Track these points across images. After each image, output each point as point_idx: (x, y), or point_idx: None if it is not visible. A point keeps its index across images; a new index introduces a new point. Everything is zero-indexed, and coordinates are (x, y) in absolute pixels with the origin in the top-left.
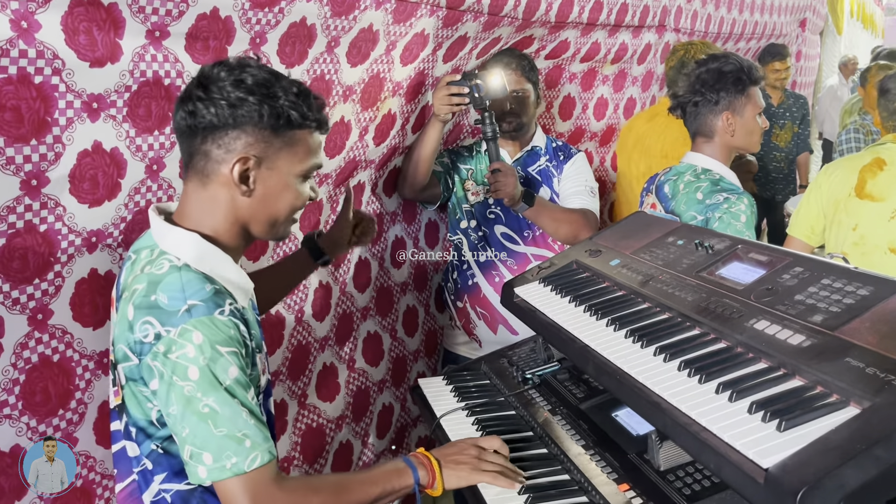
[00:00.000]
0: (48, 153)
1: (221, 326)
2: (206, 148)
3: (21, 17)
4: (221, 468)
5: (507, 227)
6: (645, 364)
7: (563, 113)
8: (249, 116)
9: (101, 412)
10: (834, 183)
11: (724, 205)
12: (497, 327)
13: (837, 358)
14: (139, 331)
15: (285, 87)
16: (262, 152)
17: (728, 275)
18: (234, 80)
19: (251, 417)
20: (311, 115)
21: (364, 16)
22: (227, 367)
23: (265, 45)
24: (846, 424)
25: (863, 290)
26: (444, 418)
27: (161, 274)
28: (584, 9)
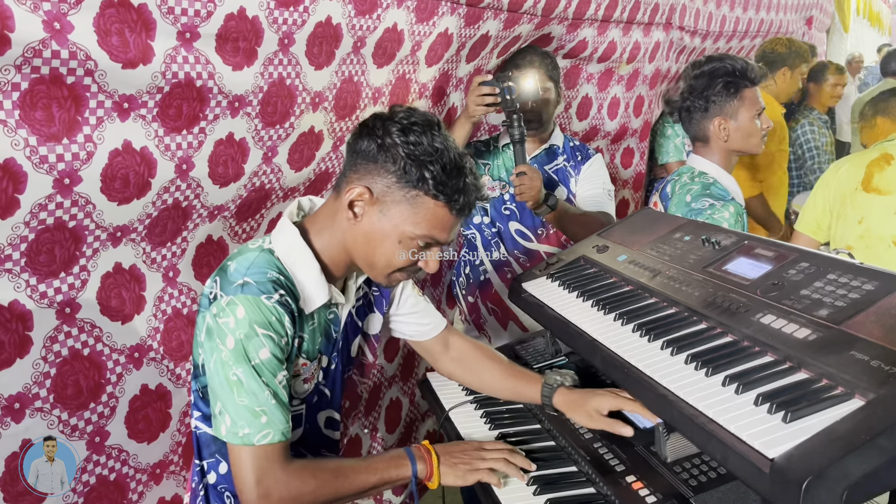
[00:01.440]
0: (80, 152)
1: (264, 309)
2: (348, 169)
3: (54, 19)
4: (235, 434)
5: (521, 224)
6: (652, 357)
7: (581, 113)
8: (390, 160)
9: (132, 406)
10: (841, 178)
11: (708, 210)
12: (507, 323)
13: (843, 351)
14: (208, 285)
15: (442, 156)
16: (381, 194)
17: (735, 270)
18: (402, 126)
19: (273, 398)
20: (447, 189)
21: (387, 14)
22: (259, 348)
23: (293, 46)
24: (851, 416)
25: (868, 284)
26: (452, 411)
27: (250, 248)
28: (600, 6)
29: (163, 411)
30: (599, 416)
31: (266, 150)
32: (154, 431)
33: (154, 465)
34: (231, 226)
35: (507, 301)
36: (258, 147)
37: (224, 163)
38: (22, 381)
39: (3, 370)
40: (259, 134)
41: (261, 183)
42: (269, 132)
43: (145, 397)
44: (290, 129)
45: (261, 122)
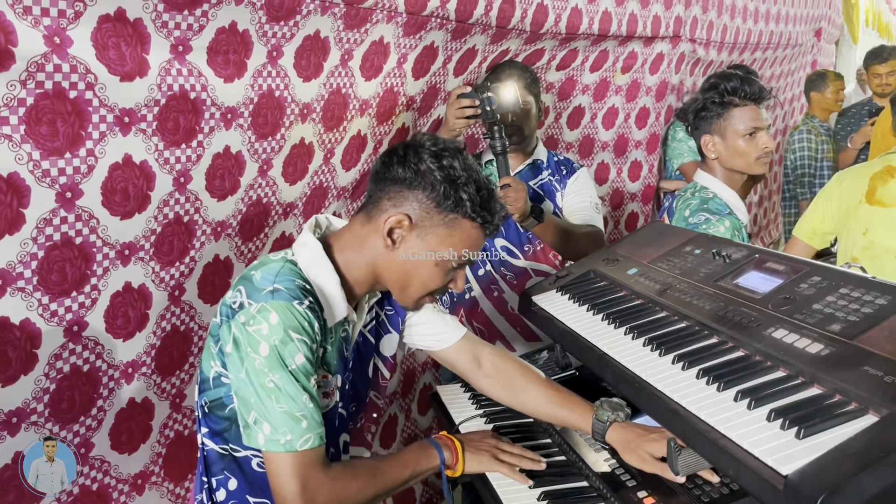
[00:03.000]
0: (81, 166)
1: (297, 314)
2: (381, 196)
3: (53, 33)
4: (276, 441)
5: (507, 241)
6: (663, 372)
7: (572, 122)
8: (427, 185)
9: (118, 419)
10: (844, 190)
11: (704, 225)
12: (494, 342)
13: (856, 366)
14: (230, 296)
15: (475, 179)
16: (419, 220)
17: (746, 284)
18: (433, 151)
19: (311, 401)
20: (483, 211)
21: (375, 28)
22: (295, 353)
23: (282, 59)
24: (865, 432)
25: (881, 299)
26: (462, 425)
27: (273, 259)
28: (593, 20)
29: (145, 423)
30: (653, 460)
31: (261, 163)
32: (135, 443)
33: (135, 475)
34: (237, 245)
35: (493, 320)
36: (254, 160)
37: (221, 176)
38: (23, 396)
39: (7, 386)
40: (253, 146)
41: (258, 197)
42: (263, 144)
43: (131, 410)
44: (282, 141)
45: (254, 134)
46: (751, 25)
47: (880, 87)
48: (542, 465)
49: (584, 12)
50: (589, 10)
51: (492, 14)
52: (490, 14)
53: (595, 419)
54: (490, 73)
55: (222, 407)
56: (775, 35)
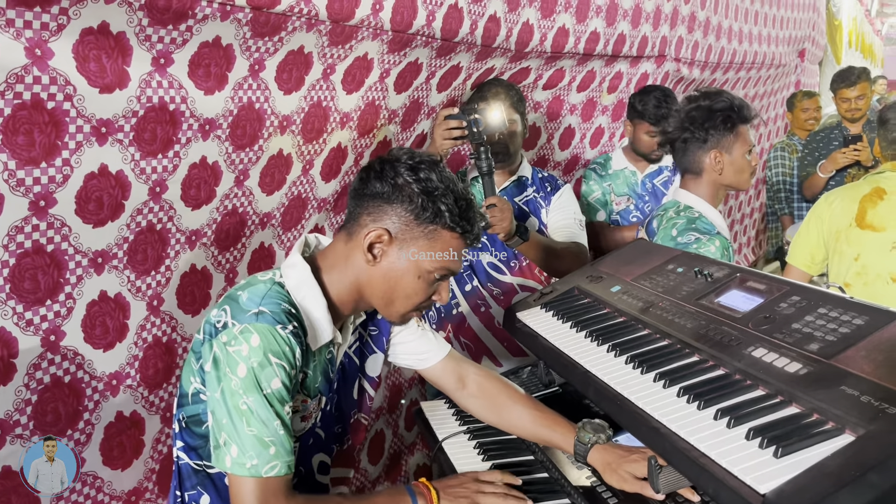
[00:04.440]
0: (56, 175)
1: (279, 339)
2: (361, 212)
3: (35, 45)
4: (241, 465)
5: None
6: (645, 390)
7: (563, 143)
8: (404, 197)
9: (107, 433)
10: (834, 213)
11: (694, 244)
12: (481, 358)
13: (833, 386)
14: (215, 314)
15: (452, 189)
16: (399, 233)
17: (727, 302)
18: (410, 165)
19: (282, 428)
20: (462, 221)
21: (360, 45)
22: (272, 377)
23: (264, 72)
24: (841, 451)
25: (858, 319)
26: (445, 442)
27: (260, 280)
28: (579, 39)
29: (136, 438)
30: (634, 480)
31: (238, 173)
32: (128, 458)
33: (129, 492)
34: (213, 255)
35: (480, 336)
36: (230, 170)
37: (196, 185)
38: (3, 408)
39: None
40: (231, 157)
41: (233, 206)
42: (240, 155)
43: (120, 424)
44: (259, 153)
45: (231, 146)
46: (735, 45)
47: (849, 111)
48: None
49: (571, 32)
50: (576, 30)
51: (477, 33)
52: (475, 33)
53: (577, 441)
54: (476, 92)
55: (199, 423)
56: (759, 55)
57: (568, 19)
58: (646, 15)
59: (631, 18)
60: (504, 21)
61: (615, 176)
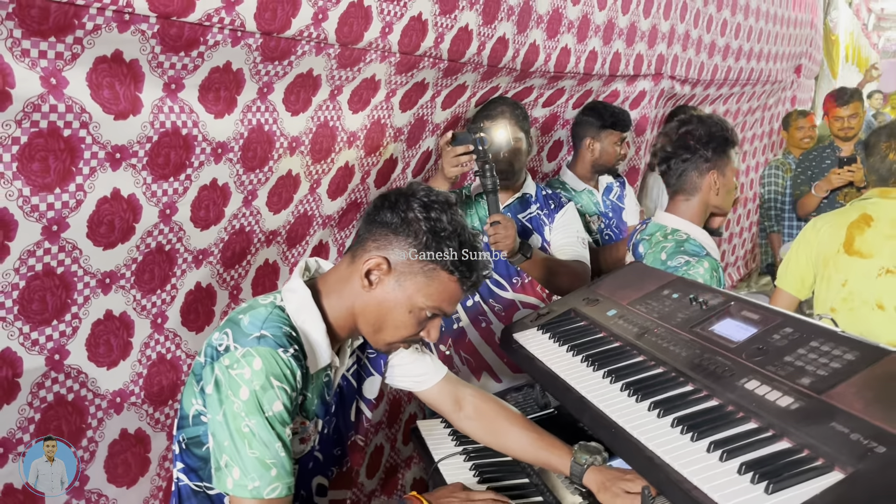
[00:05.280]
0: (70, 200)
1: (280, 362)
2: (368, 238)
3: (50, 75)
4: (244, 486)
5: (496, 273)
6: (640, 419)
7: (551, 155)
8: (411, 233)
9: (111, 450)
10: (822, 239)
11: (684, 267)
12: (481, 374)
13: (824, 422)
14: (216, 337)
15: (459, 234)
16: (398, 265)
17: (721, 331)
18: (424, 203)
19: (283, 450)
20: (462, 267)
21: (369, 67)
22: (274, 400)
23: (272, 94)
24: (830, 490)
25: (849, 354)
26: (441, 462)
27: (261, 303)
28: (580, 59)
29: (142, 455)
30: (626, 495)
31: (246, 193)
32: (133, 476)
33: None
34: (219, 272)
35: (480, 351)
36: (239, 191)
37: (206, 207)
38: (7, 426)
39: None
40: (241, 178)
41: (241, 225)
42: (250, 176)
43: (124, 441)
44: (269, 174)
45: (242, 168)
46: (731, 62)
47: (842, 130)
48: None
49: (573, 51)
50: (577, 50)
51: (484, 54)
52: (482, 54)
53: (573, 462)
54: (481, 110)
55: (199, 445)
56: (755, 72)
57: (570, 39)
58: (641, 33)
59: (626, 37)
60: (512, 42)
61: (579, 197)
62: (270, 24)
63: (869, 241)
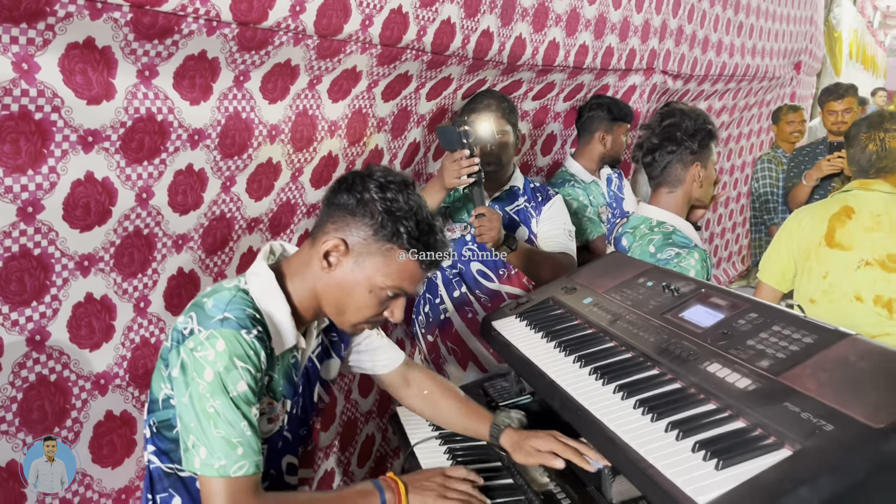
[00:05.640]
0: (44, 182)
1: (244, 343)
2: (327, 221)
3: (22, 60)
4: (210, 465)
5: (483, 265)
6: (605, 401)
7: (545, 149)
8: (367, 213)
9: (96, 431)
10: (804, 231)
11: (675, 259)
12: (467, 364)
13: (777, 402)
14: (181, 321)
15: (416, 213)
16: (356, 246)
17: (690, 318)
18: (380, 183)
19: (249, 429)
20: (419, 244)
21: (349, 59)
22: (238, 381)
23: (248, 83)
24: (777, 466)
25: (808, 337)
26: (417, 446)
27: (225, 287)
28: (569, 53)
29: (127, 437)
30: (537, 453)
31: (224, 179)
32: (119, 457)
33: (119, 490)
34: (201, 258)
35: (466, 341)
36: (216, 177)
37: (183, 192)
38: None
39: None
40: (218, 165)
41: (221, 212)
42: (228, 163)
43: (110, 423)
44: (248, 160)
45: (220, 154)
46: (725, 58)
47: (836, 124)
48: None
49: (562, 45)
50: (566, 44)
51: (469, 47)
52: (467, 47)
53: (492, 425)
54: (468, 103)
55: (170, 428)
56: (751, 68)
57: (559, 33)
58: (634, 28)
59: (619, 32)
60: (497, 36)
61: (589, 188)
62: (247, 14)
63: (850, 234)
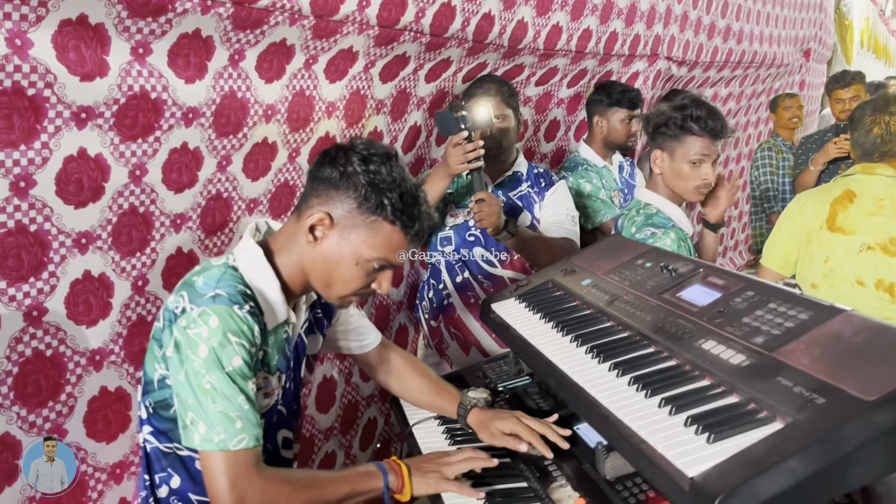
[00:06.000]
0: (36, 157)
1: (236, 318)
2: (311, 194)
3: (15, 36)
4: (210, 440)
5: (485, 250)
6: (600, 379)
7: (548, 135)
8: (351, 186)
9: (90, 406)
10: (805, 216)
11: (650, 240)
12: (469, 349)
13: (771, 377)
14: (172, 300)
15: (399, 185)
16: (341, 219)
17: (687, 297)
18: (363, 156)
19: (247, 403)
20: (403, 216)
21: (346, 39)
22: (233, 356)
23: (243, 62)
24: (767, 439)
25: (803, 314)
26: (416, 426)
27: (214, 265)
28: (572, 37)
29: (122, 413)
30: (501, 435)
31: (220, 158)
32: (113, 432)
33: (114, 464)
34: (200, 238)
35: (469, 326)
36: (212, 155)
37: (178, 170)
38: None
39: None
40: (213, 143)
41: (217, 191)
42: (223, 142)
43: (104, 399)
44: (243, 140)
45: (214, 133)
46: (732, 45)
47: (843, 112)
48: (494, 462)
49: (565, 29)
50: (570, 27)
51: (468, 29)
52: (467, 29)
53: (459, 404)
54: (468, 88)
55: (167, 407)
56: (758, 55)
57: (563, 17)
58: (640, 14)
59: (625, 17)
60: (498, 18)
61: (602, 173)
62: None
63: (851, 218)
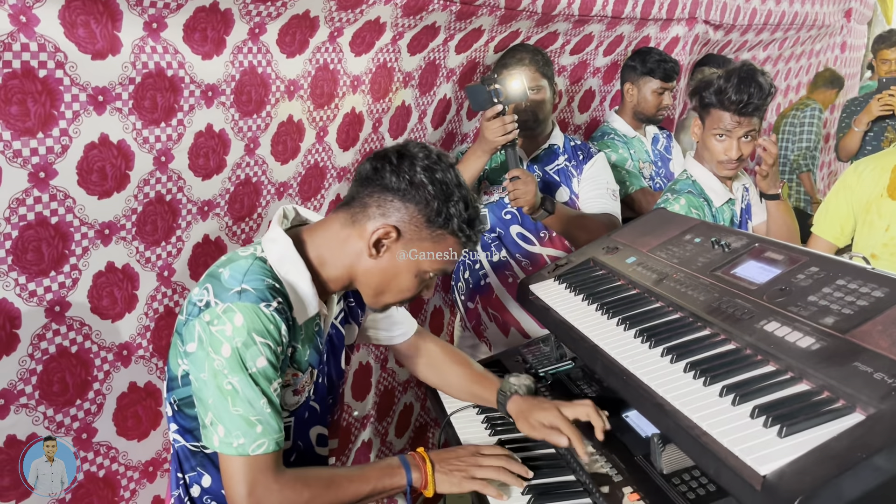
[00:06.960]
0: (55, 146)
1: (262, 317)
2: (369, 201)
3: (19, 12)
4: (228, 444)
5: (522, 228)
6: (651, 365)
7: (582, 106)
8: (419, 199)
9: (119, 403)
10: (864, 183)
11: (662, 203)
12: (509, 330)
13: (846, 362)
14: (197, 293)
15: (463, 195)
16: (407, 232)
17: (743, 274)
18: (426, 165)
19: (269, 406)
20: (468, 230)
21: (372, 9)
22: (257, 356)
23: (264, 35)
24: (848, 432)
25: (878, 291)
26: (454, 416)
27: (241, 255)
28: (607, 2)
29: (153, 409)
30: (542, 427)
31: (248, 141)
32: (144, 429)
33: (146, 462)
34: (228, 225)
35: (507, 306)
36: (238, 138)
37: (205, 154)
38: (7, 377)
39: None
40: (238, 125)
41: (246, 176)
42: (248, 122)
43: (133, 395)
44: (268, 119)
45: (237, 112)
46: (771, 6)
47: (889, 73)
48: (529, 474)
49: None
50: None
51: None
52: None
53: (499, 391)
54: (500, 58)
55: (191, 405)
56: (799, 16)
57: None
58: None
59: None
60: None
61: (632, 143)
62: None
63: None
